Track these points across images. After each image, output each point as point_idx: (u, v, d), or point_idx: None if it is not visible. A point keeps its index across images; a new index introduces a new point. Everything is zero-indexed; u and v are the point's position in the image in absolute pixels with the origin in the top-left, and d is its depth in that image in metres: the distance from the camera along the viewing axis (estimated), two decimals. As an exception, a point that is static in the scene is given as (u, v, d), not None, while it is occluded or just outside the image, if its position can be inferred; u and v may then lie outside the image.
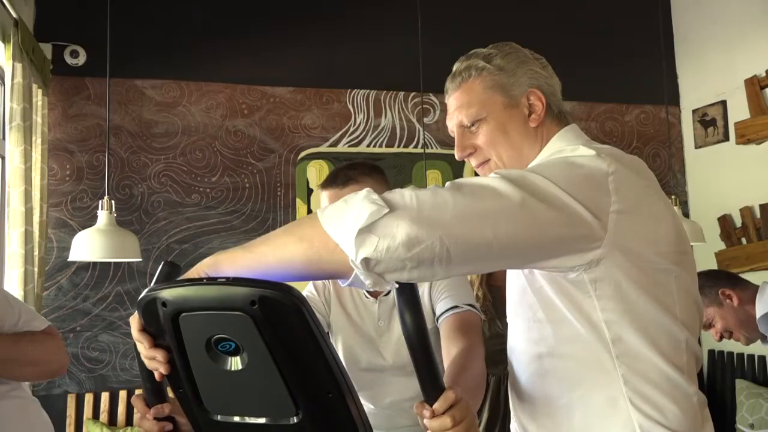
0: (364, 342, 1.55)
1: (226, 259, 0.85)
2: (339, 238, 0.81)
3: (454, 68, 1.16)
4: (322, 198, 1.49)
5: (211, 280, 0.79)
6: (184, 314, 0.80)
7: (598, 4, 4.09)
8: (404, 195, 0.83)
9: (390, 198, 0.82)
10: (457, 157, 1.14)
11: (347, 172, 1.45)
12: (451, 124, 1.15)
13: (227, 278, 0.78)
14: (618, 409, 0.96)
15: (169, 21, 3.46)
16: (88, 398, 3.13)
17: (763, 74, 3.65)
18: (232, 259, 0.85)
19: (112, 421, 3.14)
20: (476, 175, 1.09)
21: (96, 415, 3.12)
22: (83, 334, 3.17)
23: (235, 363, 0.81)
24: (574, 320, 0.97)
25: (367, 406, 1.57)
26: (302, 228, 0.84)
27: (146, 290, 0.82)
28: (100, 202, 2.22)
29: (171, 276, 0.97)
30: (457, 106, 1.13)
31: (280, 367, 0.79)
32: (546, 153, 1.08)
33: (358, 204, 0.81)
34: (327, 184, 1.47)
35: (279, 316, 0.77)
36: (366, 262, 0.80)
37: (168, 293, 0.80)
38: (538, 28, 3.88)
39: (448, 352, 1.33)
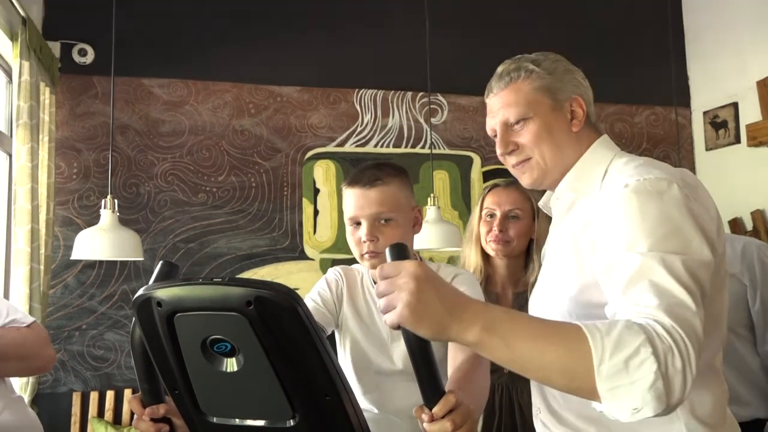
0: (373, 344, 1.52)
1: (487, 342, 0.85)
2: (606, 407, 0.83)
3: (501, 69, 1.20)
4: (345, 195, 1.46)
5: (207, 280, 0.78)
6: (179, 314, 0.79)
7: (609, 4, 4.05)
8: (687, 380, 0.83)
9: (676, 387, 0.82)
10: (499, 152, 1.19)
11: (374, 173, 1.43)
12: (494, 122, 1.19)
13: (222, 278, 0.77)
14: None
15: (176, 20, 3.46)
16: (93, 396, 3.13)
17: (776, 76, 3.61)
18: (492, 346, 0.86)
19: (116, 419, 3.14)
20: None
21: (101, 414, 3.12)
22: (89, 333, 3.18)
23: (231, 364, 0.80)
24: None
25: (372, 409, 1.54)
26: (574, 365, 0.83)
27: (141, 290, 0.81)
28: (103, 201, 2.22)
29: (169, 276, 0.96)
30: (503, 105, 1.17)
31: (276, 369, 0.78)
32: (593, 163, 1.14)
33: (644, 393, 0.81)
34: (353, 182, 1.44)
35: (275, 318, 0.75)
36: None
37: (163, 293, 0.79)
38: (547, 29, 3.86)
39: (453, 359, 1.31)
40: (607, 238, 0.99)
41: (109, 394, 3.15)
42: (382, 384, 1.52)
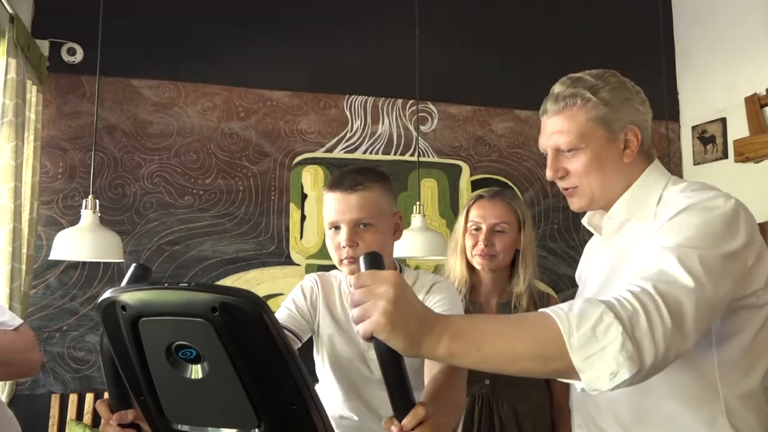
0: (351, 351, 1.51)
1: (457, 350, 0.85)
2: (586, 378, 0.85)
3: (557, 91, 1.19)
4: (326, 199, 1.44)
5: (172, 285, 0.77)
6: (144, 319, 0.77)
7: (600, 17, 4.07)
8: (657, 342, 0.86)
9: (645, 348, 0.85)
10: (548, 177, 1.20)
11: (356, 177, 1.41)
12: (546, 143, 1.20)
13: (189, 282, 0.76)
14: (717, 425, 1.05)
15: (167, 22, 3.44)
16: (72, 399, 3.09)
17: (764, 93, 3.63)
18: (463, 354, 0.86)
19: (95, 422, 3.10)
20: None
21: (79, 416, 3.09)
22: (70, 334, 3.14)
23: (196, 371, 0.78)
24: None
25: (352, 417, 1.52)
26: (546, 347, 0.86)
27: (106, 293, 0.80)
28: (84, 201, 2.19)
29: (141, 279, 0.95)
30: (556, 130, 1.17)
31: (242, 377, 0.77)
32: (647, 188, 1.15)
33: (615, 355, 0.84)
34: (334, 186, 1.43)
35: (240, 324, 0.74)
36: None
37: (128, 296, 0.77)
38: (538, 40, 3.88)
39: (430, 368, 1.30)
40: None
41: (89, 397, 3.11)
42: (361, 391, 1.50)
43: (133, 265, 0.96)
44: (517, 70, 3.76)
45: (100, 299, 0.80)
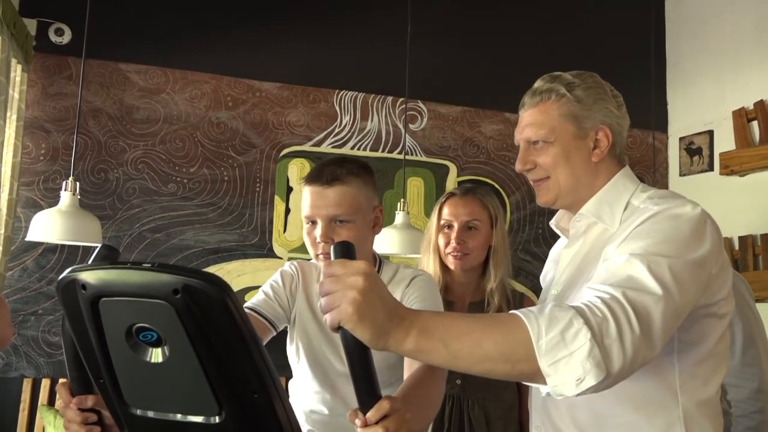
0: (326, 341, 1.48)
1: (425, 346, 0.85)
2: (552, 382, 0.85)
3: (536, 86, 1.22)
4: (303, 193, 1.40)
5: (135, 265, 0.75)
6: (104, 299, 0.75)
7: (593, 25, 4.08)
8: (626, 349, 0.86)
9: (614, 355, 0.86)
10: (517, 168, 1.24)
11: (334, 170, 1.37)
12: (519, 136, 1.23)
13: (152, 264, 0.74)
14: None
15: (157, 6, 3.40)
16: (45, 384, 3.05)
17: (751, 107, 3.65)
18: (429, 350, 0.85)
19: (67, 408, 3.06)
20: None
21: (51, 402, 3.04)
22: (45, 318, 3.10)
23: (156, 355, 0.76)
24: None
25: (322, 410, 1.50)
26: (514, 348, 0.85)
27: (66, 271, 0.78)
28: (65, 183, 2.15)
29: (107, 259, 0.93)
30: (529, 123, 1.20)
31: (203, 363, 0.75)
32: (616, 193, 1.16)
33: (583, 361, 0.84)
34: (311, 180, 1.39)
35: (203, 308, 0.72)
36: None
37: (88, 275, 0.75)
38: (530, 45, 3.88)
39: (409, 366, 1.29)
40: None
41: (61, 382, 3.06)
42: (335, 384, 1.48)
43: (100, 245, 0.94)
44: (508, 73, 3.75)
45: (60, 277, 0.78)
